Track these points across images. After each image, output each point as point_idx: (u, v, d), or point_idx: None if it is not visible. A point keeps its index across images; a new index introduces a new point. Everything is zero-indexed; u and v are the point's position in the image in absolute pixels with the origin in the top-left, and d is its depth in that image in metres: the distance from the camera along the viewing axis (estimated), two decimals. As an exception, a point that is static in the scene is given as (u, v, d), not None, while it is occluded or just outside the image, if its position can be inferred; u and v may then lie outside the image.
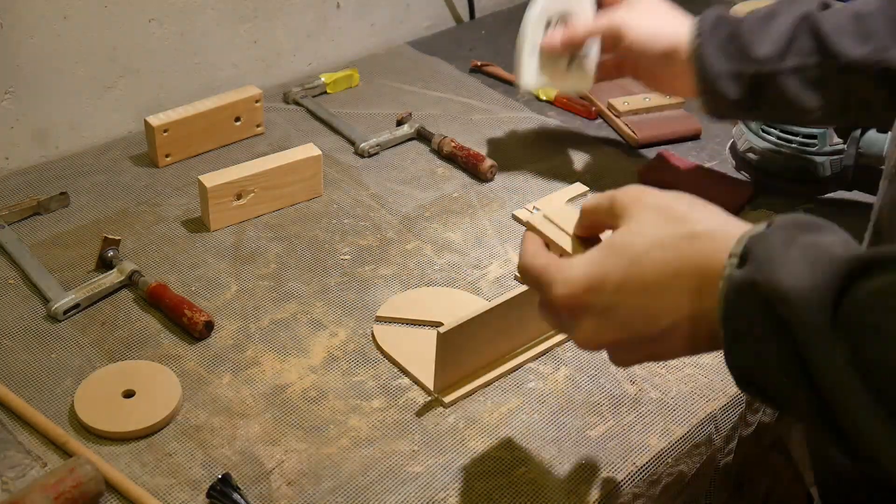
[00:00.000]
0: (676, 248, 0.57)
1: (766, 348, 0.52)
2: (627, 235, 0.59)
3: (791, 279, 0.50)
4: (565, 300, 0.60)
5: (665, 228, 0.58)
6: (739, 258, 0.54)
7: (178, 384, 0.82)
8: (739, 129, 1.16)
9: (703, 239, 0.57)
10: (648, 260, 0.58)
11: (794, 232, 0.53)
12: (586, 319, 0.60)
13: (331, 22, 1.38)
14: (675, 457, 0.80)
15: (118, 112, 1.21)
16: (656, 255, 0.58)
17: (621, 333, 0.60)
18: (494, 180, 1.13)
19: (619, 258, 0.59)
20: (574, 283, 0.60)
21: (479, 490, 0.75)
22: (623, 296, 0.58)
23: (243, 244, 1.01)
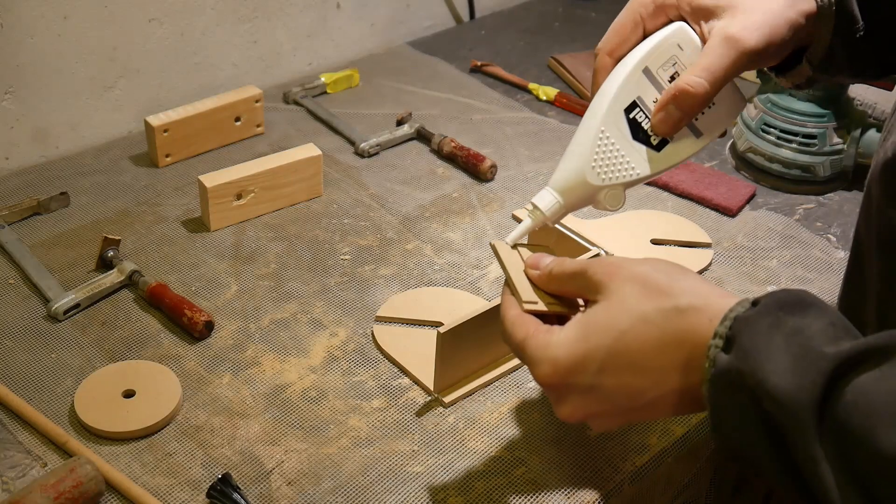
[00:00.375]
0: (661, 322, 0.57)
1: (752, 436, 0.52)
2: (609, 311, 0.59)
3: (776, 376, 0.50)
4: (548, 380, 0.60)
5: (648, 303, 0.57)
6: (725, 340, 0.54)
7: (178, 384, 0.82)
8: (739, 129, 1.16)
9: (687, 313, 0.56)
10: (632, 336, 0.57)
11: (779, 315, 0.53)
12: (571, 398, 0.60)
13: (331, 22, 1.38)
14: (674, 457, 0.80)
15: (118, 112, 1.21)
16: (640, 330, 0.57)
17: (605, 406, 0.60)
18: (494, 180, 1.13)
19: (601, 336, 0.58)
20: (556, 364, 0.59)
21: (479, 490, 0.75)
22: (607, 375, 0.58)
23: (243, 244, 1.01)
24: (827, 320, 0.53)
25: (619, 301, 0.58)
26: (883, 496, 0.46)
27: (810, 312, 0.53)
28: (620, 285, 0.59)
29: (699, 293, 0.57)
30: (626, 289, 0.59)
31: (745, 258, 1.02)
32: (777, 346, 0.51)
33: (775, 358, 0.51)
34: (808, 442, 0.48)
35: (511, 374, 0.86)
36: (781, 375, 0.50)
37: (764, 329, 0.52)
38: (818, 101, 1.10)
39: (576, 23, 1.54)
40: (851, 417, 0.47)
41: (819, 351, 0.50)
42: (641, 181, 0.70)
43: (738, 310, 0.54)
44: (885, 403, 0.47)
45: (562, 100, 1.30)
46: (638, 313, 0.57)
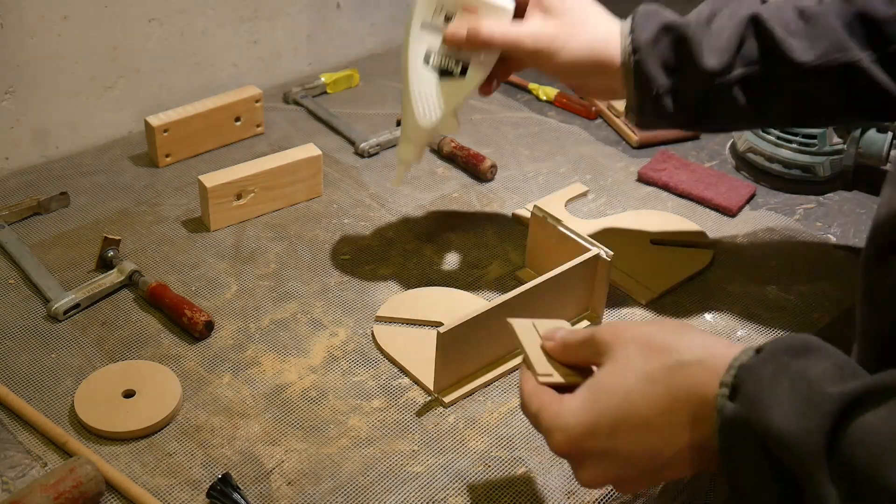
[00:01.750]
0: (666, 379, 0.57)
1: (763, 482, 0.53)
2: (614, 374, 0.59)
3: (783, 421, 0.50)
4: (565, 449, 0.61)
5: (651, 361, 0.58)
6: (730, 388, 0.54)
7: (178, 384, 0.82)
8: (739, 129, 1.16)
9: (692, 367, 0.57)
10: (639, 396, 0.58)
11: (784, 360, 0.53)
12: (588, 463, 0.61)
13: (331, 22, 1.38)
14: (675, 457, 0.80)
15: (118, 112, 1.21)
16: (646, 389, 0.57)
17: (625, 470, 0.60)
18: (494, 180, 1.13)
19: (608, 398, 0.59)
20: (568, 432, 0.60)
21: (479, 490, 0.75)
22: (619, 438, 0.58)
23: (243, 244, 1.01)
24: (831, 362, 0.53)
25: (624, 362, 0.59)
26: None
27: (815, 356, 0.53)
28: (624, 346, 0.60)
29: (702, 346, 0.58)
30: (630, 349, 0.59)
31: (745, 258, 1.02)
32: (782, 390, 0.51)
33: (781, 403, 0.51)
34: (818, 483, 0.49)
35: (511, 374, 0.86)
36: (787, 419, 0.50)
37: (769, 375, 0.52)
38: (818, 101, 1.10)
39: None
40: (859, 456, 0.47)
41: (824, 392, 0.50)
42: (463, 101, 0.89)
43: (742, 358, 0.55)
44: (892, 440, 0.47)
45: (562, 100, 1.30)
46: (642, 372, 0.58)
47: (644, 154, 1.19)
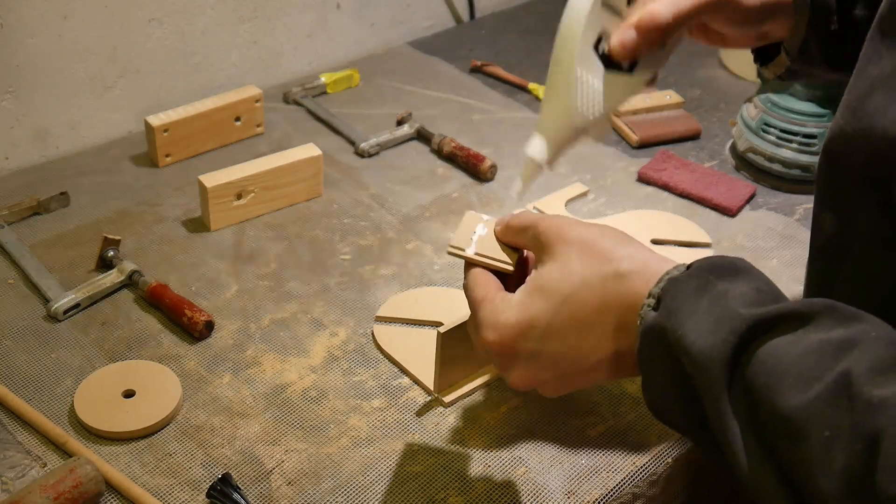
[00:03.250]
0: (602, 286, 0.59)
1: (671, 392, 0.55)
2: (554, 275, 0.60)
3: (694, 334, 0.52)
4: (493, 346, 0.62)
5: (590, 267, 0.59)
6: (656, 300, 0.56)
7: (178, 384, 0.82)
8: (739, 129, 1.16)
9: (627, 278, 0.58)
10: (575, 300, 0.59)
11: (709, 278, 0.54)
12: (517, 364, 0.62)
13: (331, 22, 1.38)
14: (674, 457, 0.80)
15: (118, 112, 1.21)
16: (583, 294, 0.59)
17: (549, 373, 0.62)
18: (494, 180, 1.13)
19: (546, 301, 0.60)
20: (503, 329, 0.61)
21: (479, 490, 0.75)
22: (551, 339, 0.60)
23: (243, 244, 1.01)
24: (754, 286, 0.54)
25: (564, 264, 0.60)
26: (779, 451, 0.48)
27: (740, 278, 0.55)
28: (567, 248, 0.61)
29: (639, 259, 0.59)
30: (573, 252, 0.60)
31: (745, 258, 1.02)
32: (701, 307, 0.53)
33: (696, 317, 0.53)
34: (717, 397, 0.50)
35: (511, 374, 0.86)
36: (699, 334, 0.52)
37: (691, 290, 0.54)
38: (818, 100, 1.10)
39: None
40: (758, 376, 0.49)
41: (736, 312, 0.52)
42: (622, 104, 0.73)
43: (673, 272, 0.57)
44: (790, 365, 0.48)
45: (562, 100, 1.30)
46: (580, 278, 0.59)
47: (644, 154, 1.19)
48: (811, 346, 0.48)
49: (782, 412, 0.47)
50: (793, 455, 0.47)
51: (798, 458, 0.47)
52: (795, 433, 0.47)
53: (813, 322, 0.50)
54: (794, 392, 0.47)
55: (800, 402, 0.47)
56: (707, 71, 1.41)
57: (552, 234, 0.62)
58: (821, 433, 0.46)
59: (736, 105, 1.28)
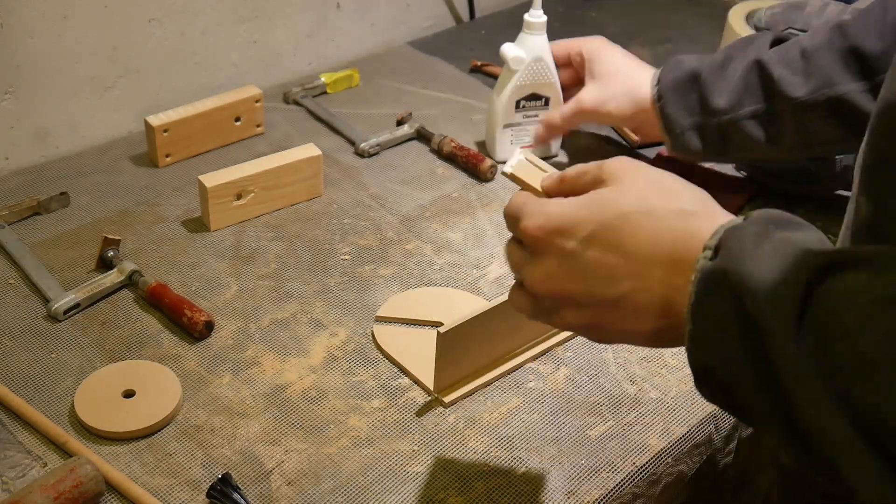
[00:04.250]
0: (664, 218, 0.56)
1: (731, 342, 0.51)
2: (615, 193, 0.58)
3: (760, 273, 0.49)
4: (532, 231, 0.59)
5: (656, 198, 0.57)
6: (714, 251, 0.53)
7: (178, 384, 0.82)
8: (739, 129, 1.16)
9: (692, 217, 0.56)
10: (631, 220, 0.56)
11: (770, 226, 0.52)
12: (546, 259, 0.59)
13: (331, 22, 1.38)
14: (674, 457, 0.80)
15: (118, 112, 1.21)
16: (641, 217, 0.56)
17: (577, 285, 0.58)
18: (494, 180, 1.13)
19: (599, 209, 0.57)
20: (546, 217, 0.59)
21: (479, 490, 0.75)
22: (592, 246, 0.57)
23: (243, 244, 1.01)
24: (818, 235, 0.53)
25: (629, 189, 0.58)
26: (857, 396, 0.45)
27: (801, 227, 0.54)
28: (634, 179, 0.59)
29: (705, 203, 0.58)
30: (640, 181, 0.58)
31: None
32: (765, 248, 0.50)
33: (760, 260, 0.50)
34: (785, 338, 0.47)
35: (511, 374, 0.86)
36: (765, 275, 0.49)
37: (752, 236, 0.52)
38: (818, 101, 1.10)
39: (576, 23, 1.54)
40: (832, 315, 0.46)
41: (804, 251, 0.50)
42: None
43: (729, 224, 0.54)
44: (868, 304, 0.46)
45: (562, 100, 1.30)
46: (644, 203, 0.57)
47: (644, 154, 1.19)
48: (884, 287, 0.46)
49: (860, 353, 0.45)
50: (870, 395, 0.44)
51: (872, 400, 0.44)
52: (870, 371, 0.44)
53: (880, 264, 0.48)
54: (871, 332, 0.45)
55: (873, 337, 0.44)
56: (707, 71, 1.40)
57: (618, 167, 0.59)
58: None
59: (736, 105, 1.28)
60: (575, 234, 0.57)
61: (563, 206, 0.59)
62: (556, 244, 0.58)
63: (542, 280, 0.59)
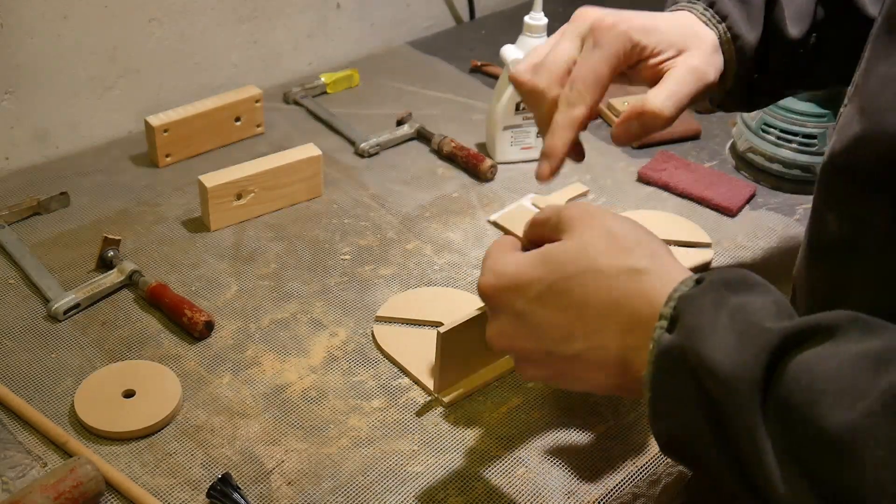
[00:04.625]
0: (614, 278, 0.56)
1: (693, 418, 0.51)
2: (568, 251, 0.58)
3: (719, 353, 0.49)
4: (487, 290, 0.61)
5: (609, 256, 0.57)
6: (669, 321, 0.53)
7: (178, 384, 0.82)
8: (739, 129, 1.16)
9: (642, 277, 0.56)
10: (579, 282, 0.57)
11: (724, 293, 0.52)
12: (500, 316, 0.61)
13: (331, 22, 1.38)
14: (675, 457, 0.80)
15: (118, 112, 1.21)
16: (590, 279, 0.56)
17: (530, 343, 0.59)
18: (494, 180, 1.13)
19: (550, 270, 0.58)
20: (500, 276, 0.60)
21: (479, 490, 0.75)
22: (541, 306, 0.58)
23: (243, 244, 1.01)
24: (771, 299, 0.52)
25: (581, 246, 0.58)
26: (823, 473, 0.44)
27: (754, 291, 0.53)
28: (585, 230, 0.59)
29: (661, 262, 0.57)
30: (591, 235, 0.58)
31: (745, 258, 1.02)
32: (721, 323, 0.50)
33: (719, 334, 0.50)
34: (749, 419, 0.47)
35: (511, 374, 0.86)
36: (724, 352, 0.49)
37: (708, 306, 0.51)
38: (818, 101, 1.10)
39: (576, 23, 1.54)
40: (794, 394, 0.46)
41: (763, 327, 0.49)
42: None
43: (682, 289, 0.54)
44: (828, 380, 0.45)
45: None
46: (594, 263, 0.57)
47: (644, 154, 1.19)
48: (847, 359, 0.46)
49: (827, 431, 0.44)
50: (839, 478, 0.44)
51: (846, 481, 0.43)
52: (843, 454, 0.43)
53: (841, 334, 0.47)
54: (838, 409, 0.44)
55: (847, 420, 0.43)
56: (707, 71, 1.40)
57: (576, 216, 0.60)
58: (874, 452, 0.42)
59: (736, 105, 1.28)
60: (525, 294, 0.59)
61: (514, 264, 0.60)
62: (507, 303, 0.60)
63: (497, 336, 0.62)
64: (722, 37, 0.76)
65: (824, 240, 0.64)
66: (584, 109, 0.71)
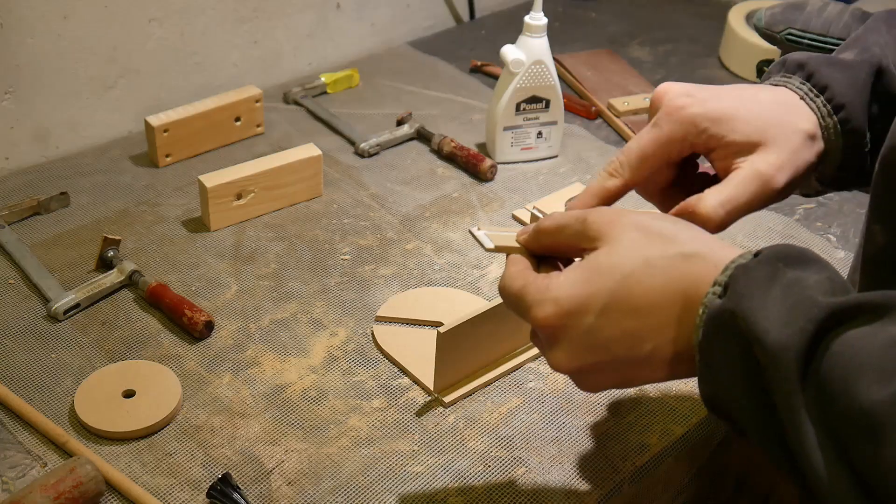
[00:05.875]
0: (667, 268, 0.55)
1: (737, 382, 0.51)
2: (612, 255, 0.57)
3: (768, 320, 0.49)
4: (549, 321, 0.58)
5: (653, 248, 0.56)
6: (723, 287, 0.53)
7: (178, 384, 0.82)
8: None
9: (694, 260, 0.55)
10: (636, 280, 0.55)
11: (779, 266, 0.52)
12: (566, 342, 0.58)
13: (331, 22, 1.38)
14: (675, 457, 0.80)
15: (118, 112, 1.21)
16: (645, 274, 0.55)
17: (602, 356, 0.57)
18: (494, 180, 1.13)
19: (605, 278, 0.56)
20: (559, 303, 0.57)
21: (479, 490, 0.75)
22: (608, 318, 0.56)
23: (243, 244, 1.01)
24: (826, 275, 0.52)
25: (623, 246, 0.57)
26: (856, 449, 0.45)
27: (811, 266, 0.52)
28: (622, 232, 0.57)
29: (703, 241, 0.57)
30: (630, 235, 0.57)
31: (745, 258, 1.02)
32: (773, 294, 0.50)
33: (769, 305, 0.50)
34: (790, 389, 0.48)
35: (511, 374, 0.86)
36: (773, 321, 0.49)
37: (762, 277, 0.51)
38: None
39: (576, 23, 1.54)
40: (834, 368, 0.46)
41: (813, 299, 0.49)
42: None
43: (740, 260, 0.54)
44: (869, 357, 0.46)
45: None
46: (642, 258, 0.56)
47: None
48: (891, 339, 0.46)
49: (861, 407, 0.44)
50: (871, 454, 0.44)
51: (877, 457, 0.44)
52: (875, 430, 0.44)
53: (890, 315, 0.47)
54: (875, 386, 0.44)
55: (881, 397, 0.44)
56: (707, 71, 1.41)
57: (606, 221, 0.58)
58: None
59: (736, 105, 1.28)
60: (589, 311, 0.56)
61: (567, 286, 0.57)
62: (571, 326, 0.57)
63: (567, 361, 0.59)
64: (821, 110, 0.67)
65: (870, 251, 0.64)
66: (619, 183, 0.68)
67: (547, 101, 1.13)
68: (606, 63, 1.38)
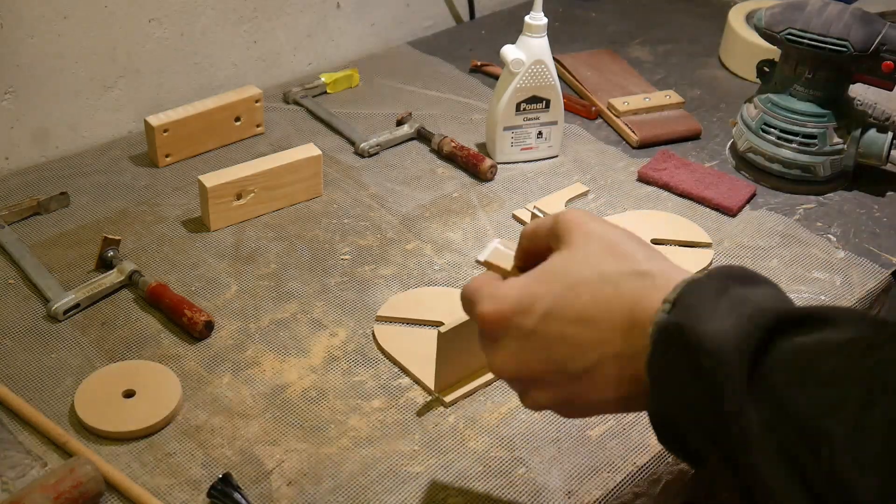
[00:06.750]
0: (618, 283, 0.55)
1: (686, 395, 0.51)
2: (568, 261, 0.57)
3: (715, 329, 0.49)
4: (489, 317, 0.57)
5: (609, 263, 0.56)
6: (672, 304, 0.52)
7: (178, 384, 0.82)
8: (739, 129, 1.16)
9: (646, 278, 0.55)
10: (585, 290, 0.55)
11: (728, 283, 0.52)
12: (507, 342, 0.57)
13: (331, 22, 1.38)
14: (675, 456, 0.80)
15: (118, 112, 1.21)
16: (595, 285, 0.55)
17: (542, 363, 0.57)
18: (494, 180, 1.13)
19: (553, 283, 0.56)
20: (501, 301, 0.57)
21: (479, 490, 0.75)
22: (551, 321, 0.56)
23: (243, 244, 1.01)
24: (773, 291, 0.53)
25: (581, 254, 0.57)
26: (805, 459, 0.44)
27: (760, 285, 0.53)
28: (585, 241, 0.57)
29: (659, 263, 0.57)
30: (592, 246, 0.57)
31: (746, 258, 1.02)
32: (721, 306, 0.50)
33: (717, 315, 0.50)
34: (737, 396, 0.47)
35: (511, 374, 0.86)
36: (720, 329, 0.49)
37: (710, 292, 0.51)
38: (818, 101, 1.10)
39: (576, 23, 1.54)
40: (779, 376, 0.46)
41: (761, 307, 0.49)
42: None
43: (690, 278, 0.54)
44: (811, 366, 0.46)
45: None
46: (597, 271, 0.56)
47: (644, 154, 1.19)
48: (835, 346, 0.46)
49: (801, 414, 0.45)
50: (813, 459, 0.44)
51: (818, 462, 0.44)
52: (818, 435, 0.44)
53: (839, 324, 0.47)
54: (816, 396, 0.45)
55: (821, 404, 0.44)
56: (707, 71, 1.41)
57: (573, 224, 0.58)
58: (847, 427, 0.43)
59: (736, 105, 1.28)
60: (530, 313, 0.56)
61: (517, 286, 0.58)
62: (515, 324, 0.57)
63: (503, 364, 0.58)
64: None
65: None
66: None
67: (547, 101, 1.13)
68: (606, 63, 1.38)
